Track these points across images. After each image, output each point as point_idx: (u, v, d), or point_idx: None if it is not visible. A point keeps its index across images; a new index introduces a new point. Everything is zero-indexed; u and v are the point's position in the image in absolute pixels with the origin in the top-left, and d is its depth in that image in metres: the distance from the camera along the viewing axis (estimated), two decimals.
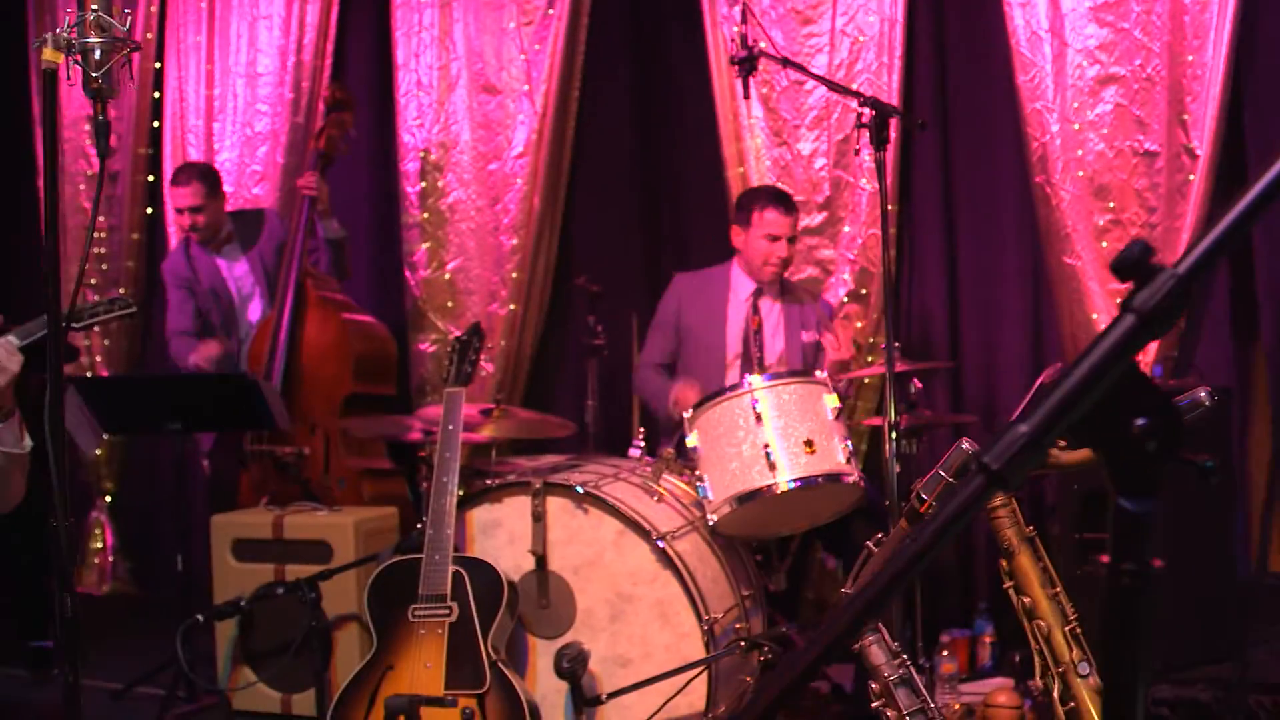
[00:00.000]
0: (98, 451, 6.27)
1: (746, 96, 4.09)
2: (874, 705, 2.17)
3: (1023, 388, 5.12)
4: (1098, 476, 2.36)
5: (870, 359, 5.19)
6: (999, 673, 4.71)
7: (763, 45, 4.11)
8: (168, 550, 6.62)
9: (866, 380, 5.17)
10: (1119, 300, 3.45)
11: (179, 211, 5.57)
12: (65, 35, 2.27)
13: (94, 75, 2.30)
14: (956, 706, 4.30)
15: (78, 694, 2.15)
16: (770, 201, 4.58)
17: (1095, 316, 4.89)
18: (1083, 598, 3.85)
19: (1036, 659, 2.08)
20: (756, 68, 4.05)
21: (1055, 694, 2.03)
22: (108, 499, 6.71)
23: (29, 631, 5.08)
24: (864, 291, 5.27)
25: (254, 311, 5.44)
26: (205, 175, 5.43)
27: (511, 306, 5.74)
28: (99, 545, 6.68)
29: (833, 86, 4.42)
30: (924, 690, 2.13)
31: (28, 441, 3.25)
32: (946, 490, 1.97)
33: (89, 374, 6.47)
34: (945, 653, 4.53)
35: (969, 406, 5.21)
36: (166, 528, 6.69)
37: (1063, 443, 2.08)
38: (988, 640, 4.86)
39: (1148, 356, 4.82)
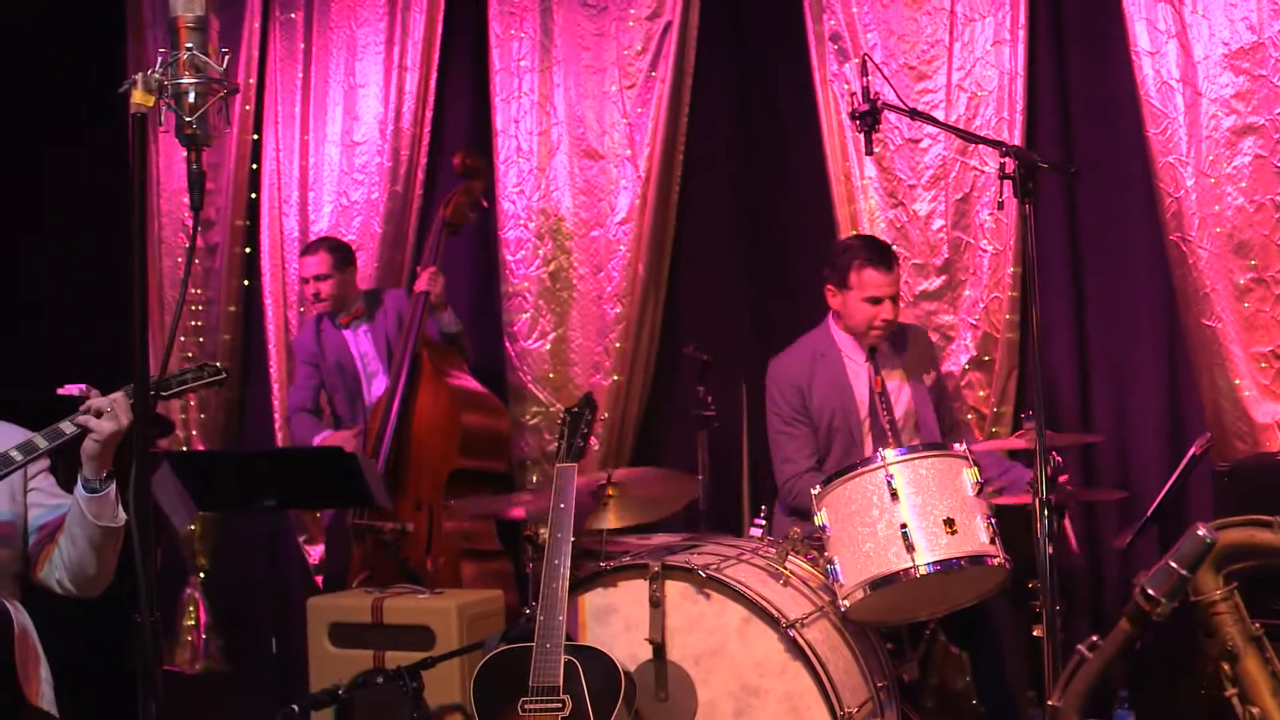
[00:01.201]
0: (191, 528, 6.18)
1: (870, 152, 3.86)
2: None
3: (1160, 459, 4.84)
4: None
5: (995, 430, 4.92)
6: None
7: (885, 97, 3.88)
8: (262, 629, 6.50)
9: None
10: (1262, 364, 3.08)
11: (304, 281, 5.54)
12: (157, 76, 2.11)
13: (188, 119, 2.13)
14: None
15: None
16: (869, 259, 4.27)
17: (1238, 382, 4.60)
18: None
19: None
20: (880, 121, 3.83)
21: None
22: (201, 575, 6.59)
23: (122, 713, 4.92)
24: (987, 358, 5.01)
25: (378, 388, 5.37)
26: (335, 248, 5.48)
27: (615, 377, 5.55)
28: (193, 622, 6.55)
29: (967, 136, 4.19)
30: None
31: (123, 515, 3.11)
32: (1173, 579, 1.70)
33: (184, 448, 6.38)
34: None
35: (1103, 479, 4.91)
36: (260, 606, 6.56)
37: None
38: None
39: None
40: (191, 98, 2.15)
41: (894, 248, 4.71)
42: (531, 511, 4.16)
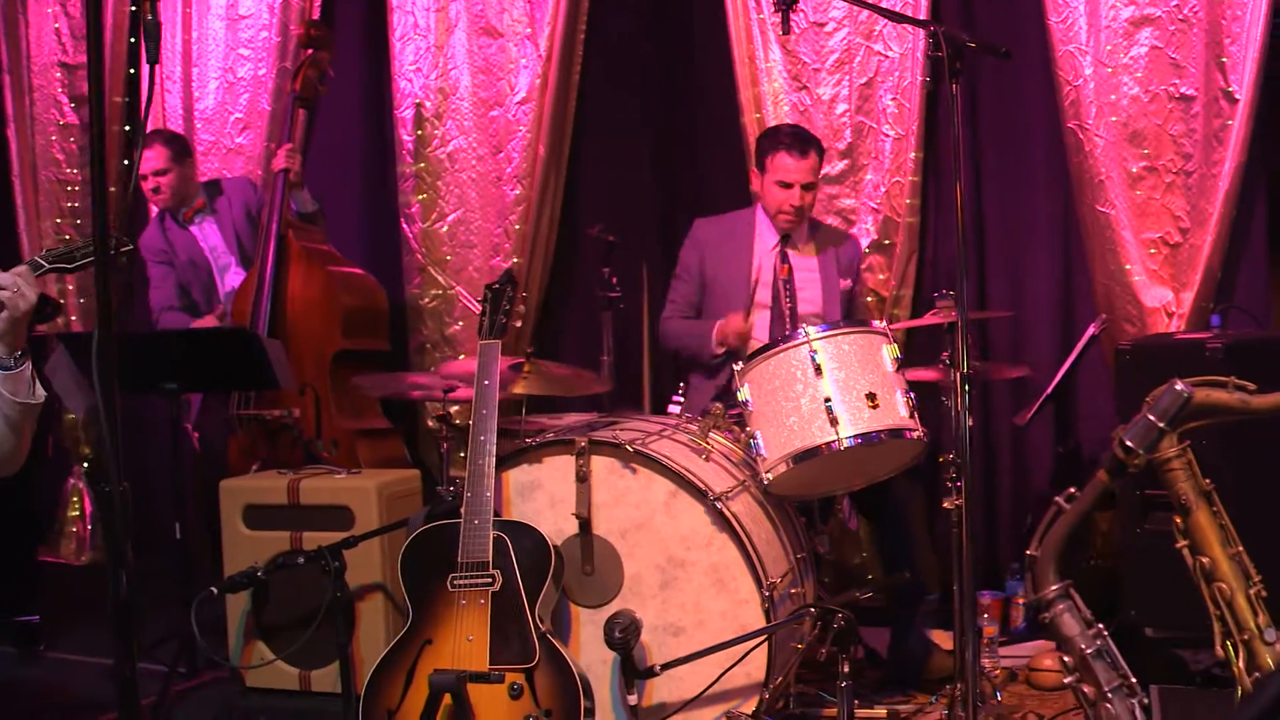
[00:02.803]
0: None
1: (786, 33, 3.83)
2: (1067, 681, 1.95)
3: (1053, 339, 4.98)
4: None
5: (895, 312, 5.00)
6: (1034, 635, 4.56)
7: None
8: (154, 518, 6.38)
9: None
10: (1152, 250, 3.15)
11: (143, 177, 5.32)
12: None
13: None
14: (998, 671, 4.14)
15: (134, 683, 1.91)
16: (784, 145, 4.33)
17: (1128, 266, 4.73)
18: (1144, 557, 3.73)
19: (1217, 625, 1.87)
20: (798, 2, 3.81)
21: (1240, 663, 1.83)
22: (85, 465, 6.44)
23: (14, 606, 4.82)
24: (888, 242, 5.07)
25: (231, 280, 5.23)
26: (171, 140, 5.28)
27: (515, 259, 5.50)
28: (77, 513, 6.43)
29: (893, 16, 4.16)
30: (1123, 662, 1.91)
31: (41, 392, 3.02)
32: (1153, 432, 1.76)
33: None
34: (985, 615, 4.37)
35: (997, 358, 5.04)
36: (151, 495, 6.43)
37: (1252, 386, 1.88)
38: (1020, 602, 4.71)
39: (1182, 309, 4.67)
40: None
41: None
42: (430, 392, 4.15)
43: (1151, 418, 1.81)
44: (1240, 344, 3.53)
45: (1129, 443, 1.82)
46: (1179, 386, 1.81)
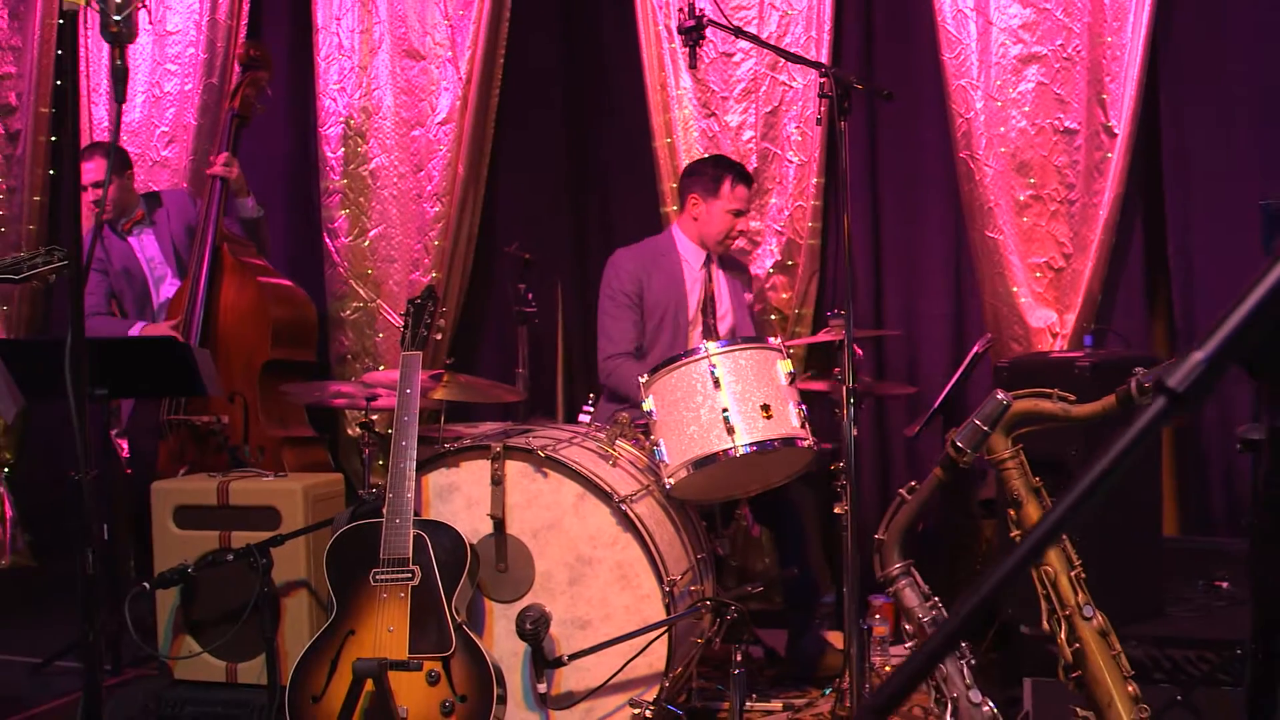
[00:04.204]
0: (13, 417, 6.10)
1: (694, 67, 4.09)
2: (907, 646, 2.22)
3: (944, 357, 5.26)
4: (1054, 442, 2.46)
5: (797, 330, 5.27)
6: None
7: (708, 15, 4.11)
8: (73, 521, 6.46)
9: (791, 351, 5.25)
10: (1038, 274, 3.52)
11: (83, 188, 5.41)
12: None
13: (114, 19, 2.23)
14: (888, 668, 4.40)
15: (98, 653, 2.11)
16: (740, 176, 4.59)
17: (1015, 289, 5.02)
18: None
19: (1043, 603, 2.15)
20: (704, 37, 4.06)
21: (1062, 636, 2.11)
22: (6, 470, 6.52)
23: None
24: (790, 263, 5.34)
25: (166, 292, 5.33)
26: (110, 152, 5.29)
27: (434, 274, 5.70)
28: None
29: (789, 57, 4.46)
30: None
31: None
32: (978, 434, 2.03)
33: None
34: (877, 616, 4.63)
35: (892, 374, 5.32)
36: (71, 498, 6.52)
37: (1072, 398, 2.16)
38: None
39: (1065, 330, 4.97)
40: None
41: None
42: (354, 400, 4.34)
43: (977, 421, 2.08)
44: (1106, 363, 3.83)
45: (959, 443, 2.09)
46: (999, 396, 2.09)
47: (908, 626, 2.26)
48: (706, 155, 5.05)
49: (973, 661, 2.14)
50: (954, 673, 2.09)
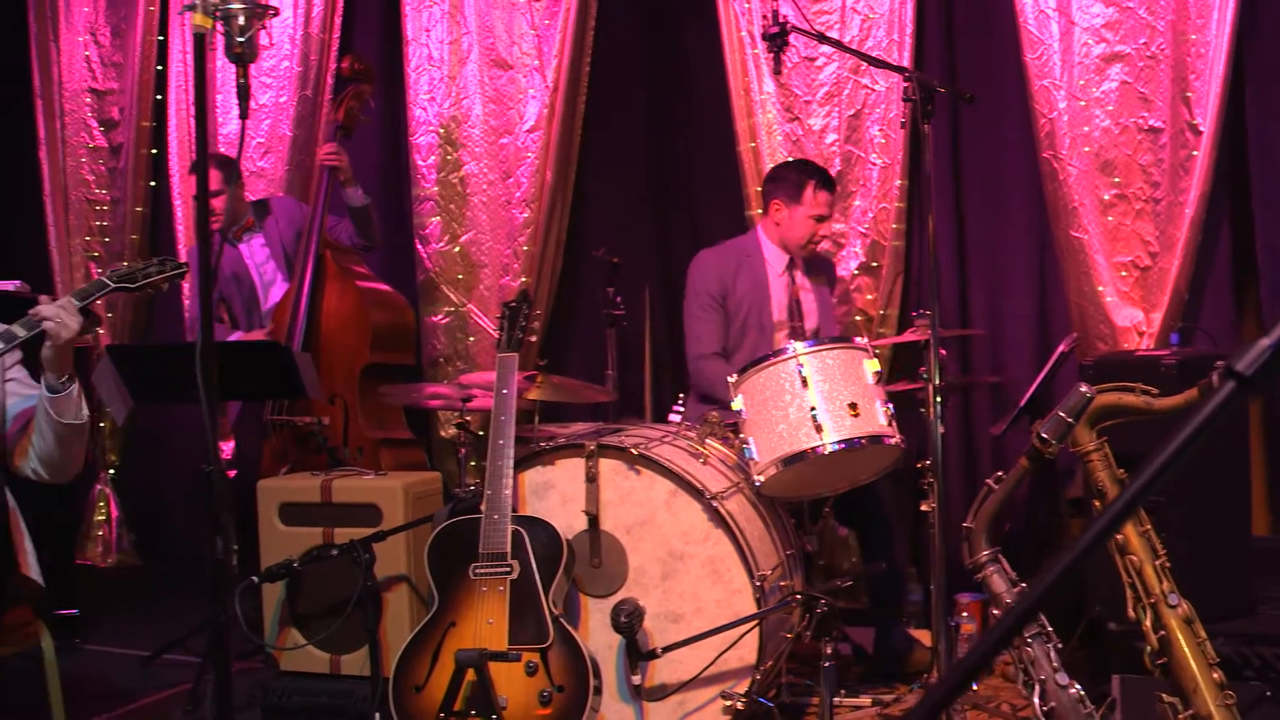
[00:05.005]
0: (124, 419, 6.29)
1: (778, 73, 4.17)
2: None
3: (1029, 355, 5.28)
4: (1139, 434, 2.50)
5: (882, 330, 5.31)
6: None
7: (792, 21, 4.19)
8: (174, 522, 6.70)
9: (877, 351, 5.29)
10: (1123, 273, 3.53)
11: (195, 199, 5.58)
12: (213, 1, 2.33)
13: (238, 40, 2.36)
14: None
15: (228, 633, 2.23)
16: (823, 182, 4.65)
17: (1101, 288, 5.02)
18: (1106, 558, 4.03)
19: (1128, 592, 2.20)
20: (788, 43, 4.13)
21: (1147, 623, 2.16)
22: (111, 472, 6.75)
23: (55, 601, 5.11)
24: (875, 264, 5.39)
25: (275, 295, 5.48)
26: (223, 163, 5.45)
27: (523, 279, 5.82)
28: (103, 518, 6.71)
29: (873, 61, 4.52)
30: (1042, 615, 2.24)
31: (86, 412, 3.32)
32: (1062, 426, 2.10)
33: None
34: (964, 614, 4.67)
35: (977, 374, 5.35)
36: (174, 499, 6.76)
37: (1155, 391, 2.21)
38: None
39: (1151, 329, 4.97)
40: (241, 20, 2.37)
41: None
42: (450, 401, 4.47)
43: (1062, 414, 2.15)
44: (1192, 361, 3.85)
45: (1044, 435, 2.16)
46: (1083, 388, 2.15)
47: (995, 611, 2.33)
48: (790, 159, 5.12)
49: (1059, 645, 2.20)
50: (1041, 655, 2.15)
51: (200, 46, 2.38)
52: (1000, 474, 2.31)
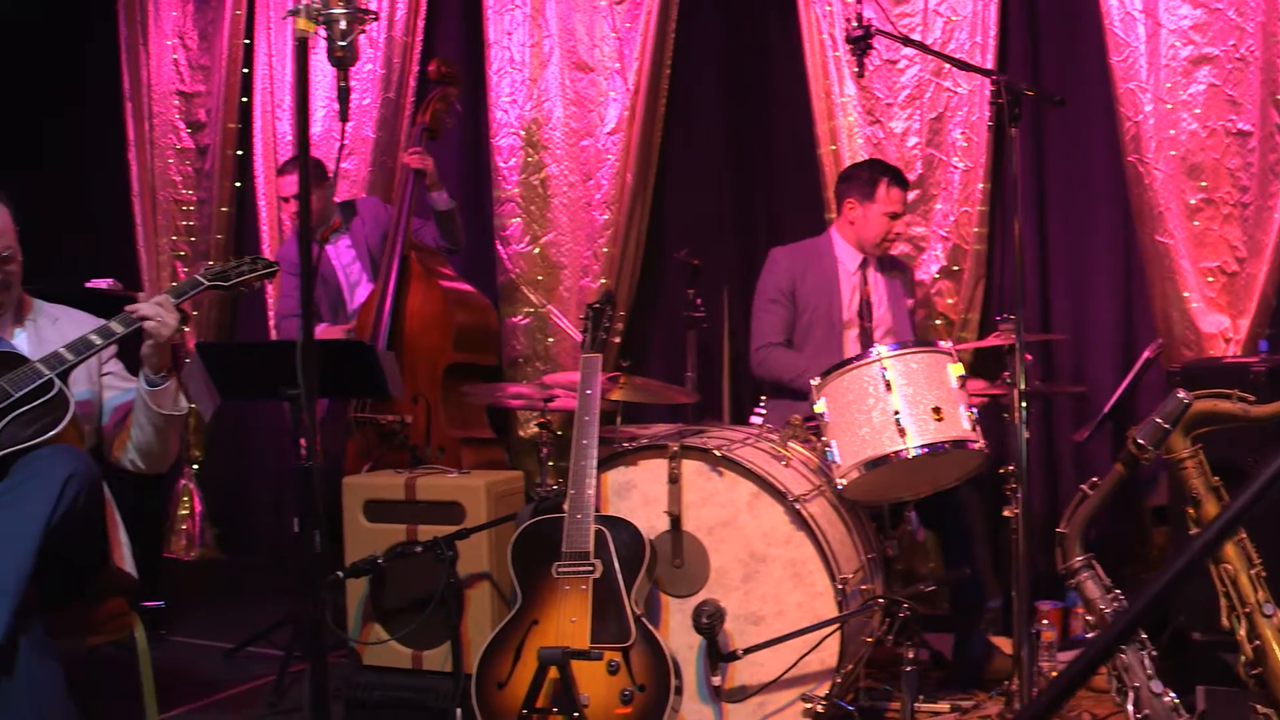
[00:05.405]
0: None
1: (860, 75, 4.17)
2: (1088, 635, 2.27)
3: (1112, 362, 5.23)
4: (1231, 446, 2.47)
5: (963, 335, 5.28)
6: None
7: (875, 23, 4.18)
8: (256, 516, 6.80)
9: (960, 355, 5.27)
10: (1210, 279, 3.48)
11: (284, 200, 5.69)
12: (315, 6, 2.38)
13: (339, 44, 2.41)
14: (1055, 674, 4.39)
15: (323, 623, 2.27)
16: (896, 179, 4.68)
17: (1187, 294, 4.96)
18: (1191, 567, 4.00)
19: (1223, 600, 2.19)
20: (871, 46, 4.12)
21: (1242, 633, 2.14)
22: (195, 467, 6.86)
23: (142, 591, 5.21)
24: (956, 268, 5.36)
25: (361, 296, 5.55)
26: (312, 165, 5.46)
27: (603, 280, 5.85)
28: (187, 511, 6.83)
29: (961, 65, 4.52)
30: None
31: (184, 403, 3.41)
32: (1159, 432, 2.08)
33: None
34: (1044, 621, 4.63)
35: (1059, 380, 5.31)
36: (256, 495, 6.87)
37: (1251, 398, 2.19)
38: (1080, 611, 4.94)
39: (1239, 335, 4.90)
40: (342, 24, 2.41)
41: None
42: (532, 401, 4.50)
43: (1158, 420, 2.13)
44: None
45: (1140, 440, 2.14)
46: (1180, 395, 2.14)
47: (1089, 618, 2.31)
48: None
49: (1154, 653, 2.18)
50: (1135, 663, 2.14)
51: (303, 51, 2.43)
52: (1095, 479, 2.30)
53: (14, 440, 3.11)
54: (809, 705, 3.54)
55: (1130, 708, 2.11)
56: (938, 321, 5.37)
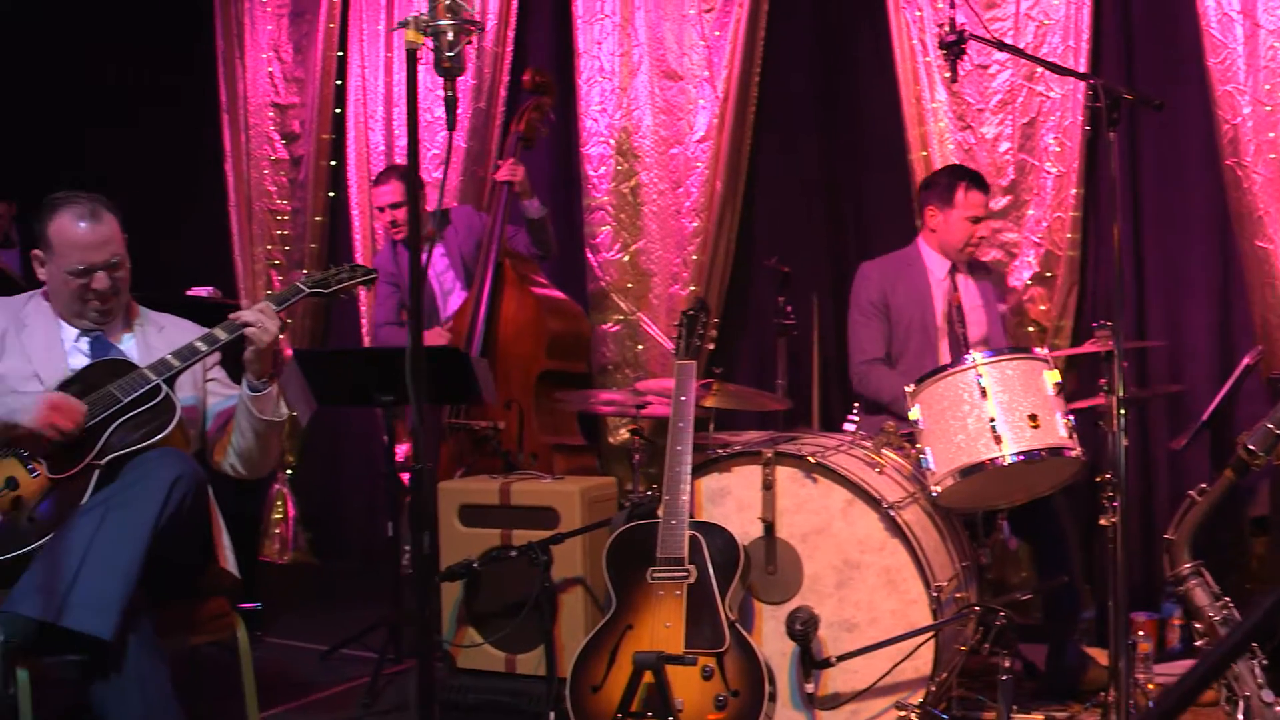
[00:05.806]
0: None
1: (954, 80, 4.14)
2: (1197, 644, 2.25)
3: (1209, 369, 5.14)
4: None
5: (1056, 342, 5.23)
6: (1188, 655, 4.73)
7: (968, 28, 4.15)
8: (348, 521, 6.90)
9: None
10: None
11: (380, 210, 5.76)
12: (423, 18, 2.43)
13: (447, 55, 2.45)
14: (1151, 686, 4.33)
15: (434, 623, 2.31)
16: (974, 183, 4.68)
17: None
18: None
19: None
20: (964, 51, 4.10)
21: None
22: (289, 472, 6.97)
23: (240, 594, 5.30)
24: (1049, 274, 5.30)
25: (454, 304, 5.61)
26: (405, 175, 5.56)
27: (692, 288, 5.86)
28: (280, 516, 6.94)
29: (1057, 69, 4.49)
30: None
31: (284, 410, 3.48)
32: (1270, 438, 2.06)
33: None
34: (1141, 633, 4.57)
35: (1155, 385, 5.23)
36: (348, 500, 6.97)
37: None
38: (1176, 623, 4.88)
39: None
40: (450, 36, 2.46)
41: None
42: (624, 408, 4.53)
43: (1270, 425, 2.11)
44: None
45: (1251, 446, 2.12)
46: None
47: (1198, 625, 2.29)
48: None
49: (1264, 662, 2.16)
50: (1245, 672, 2.12)
51: (412, 61, 2.48)
52: (1203, 485, 2.27)
53: (123, 444, 3.21)
54: (903, 713, 3.54)
55: (1240, 717, 2.08)
56: (1030, 328, 5.32)
